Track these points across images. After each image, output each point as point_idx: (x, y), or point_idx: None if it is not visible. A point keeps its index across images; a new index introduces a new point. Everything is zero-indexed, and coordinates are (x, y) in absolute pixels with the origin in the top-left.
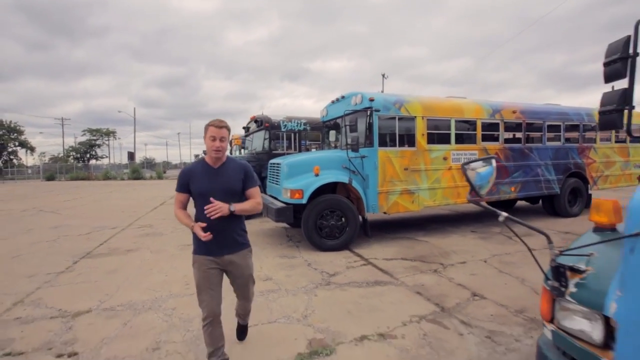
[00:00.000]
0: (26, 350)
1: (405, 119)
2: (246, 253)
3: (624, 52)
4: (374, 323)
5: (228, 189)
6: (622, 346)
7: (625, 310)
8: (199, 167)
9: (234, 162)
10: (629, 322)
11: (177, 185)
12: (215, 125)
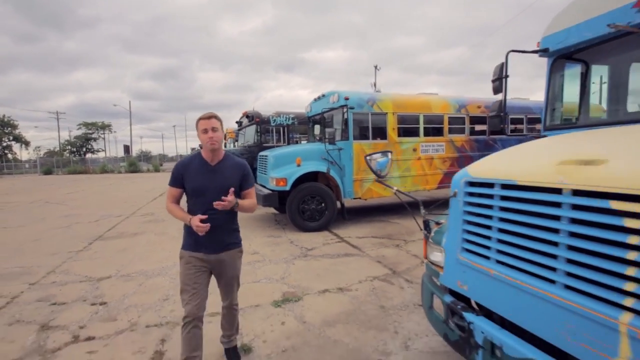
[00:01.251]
0: (66, 301)
1: (378, 115)
2: (236, 253)
3: (500, 74)
4: (336, 282)
5: (225, 188)
6: (447, 263)
7: (448, 242)
8: (195, 162)
9: (232, 160)
10: (448, 248)
11: (171, 179)
12: (204, 117)
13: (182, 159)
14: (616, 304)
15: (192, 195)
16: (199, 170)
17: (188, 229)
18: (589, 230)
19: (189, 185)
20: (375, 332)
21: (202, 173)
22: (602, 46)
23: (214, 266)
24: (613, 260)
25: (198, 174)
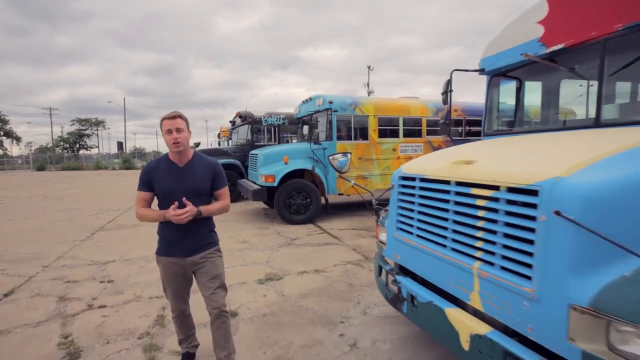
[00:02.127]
0: (78, 279)
1: (360, 117)
2: (213, 253)
3: (446, 89)
4: (314, 265)
5: (195, 190)
6: (387, 240)
7: (388, 224)
8: (162, 165)
9: (202, 160)
10: (388, 228)
11: (139, 184)
12: (168, 117)
13: (149, 162)
14: (472, 256)
15: (162, 199)
16: (167, 173)
17: (160, 232)
18: (462, 209)
19: (158, 188)
20: (341, 303)
21: (170, 175)
22: (530, 66)
23: (193, 268)
24: (472, 228)
25: (166, 176)
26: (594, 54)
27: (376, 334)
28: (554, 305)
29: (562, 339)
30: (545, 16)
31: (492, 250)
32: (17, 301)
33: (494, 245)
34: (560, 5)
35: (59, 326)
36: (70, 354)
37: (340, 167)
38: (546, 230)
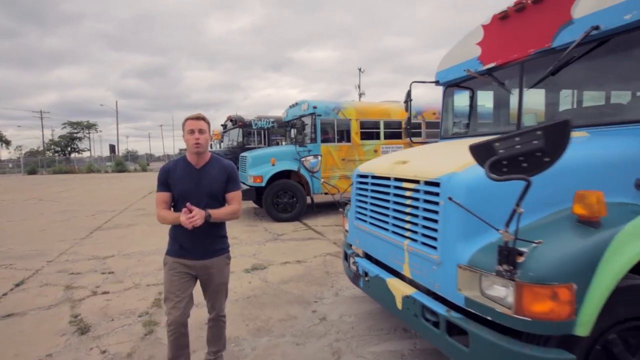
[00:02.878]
0: (81, 272)
1: (343, 121)
2: (223, 260)
3: (407, 98)
4: (296, 256)
5: (210, 192)
6: (349, 228)
7: (350, 215)
8: (179, 166)
9: (219, 162)
10: (350, 218)
11: (158, 185)
12: (192, 118)
13: (166, 163)
14: (403, 235)
15: (178, 199)
16: (184, 174)
17: (173, 234)
18: (397, 198)
19: (174, 189)
20: (317, 287)
21: (187, 176)
22: (477, 79)
23: (200, 273)
24: (403, 213)
25: (183, 177)
26: (516, 72)
27: (344, 310)
28: (449, 267)
29: (454, 291)
30: (482, 39)
31: (415, 230)
32: (28, 290)
33: (416, 225)
34: (491, 31)
35: (68, 309)
36: (80, 329)
37: (312, 167)
38: (443, 212)
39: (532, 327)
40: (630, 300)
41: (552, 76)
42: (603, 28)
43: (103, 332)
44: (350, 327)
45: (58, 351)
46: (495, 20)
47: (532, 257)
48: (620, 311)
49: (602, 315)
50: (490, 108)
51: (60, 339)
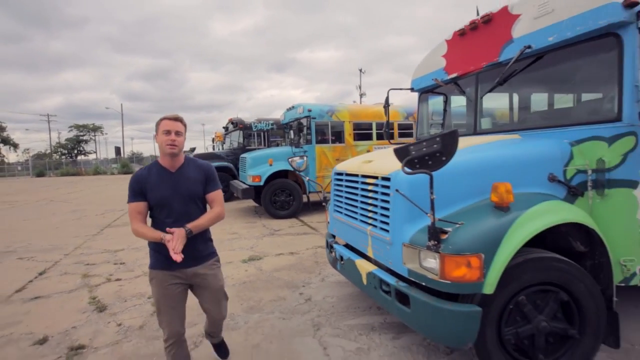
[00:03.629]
0: (95, 263)
1: (336, 123)
2: (213, 263)
3: (385, 104)
4: (290, 249)
5: (189, 195)
6: (330, 219)
7: (330, 208)
8: (153, 172)
9: (194, 162)
10: (330, 211)
11: (130, 195)
12: (169, 118)
13: (137, 170)
14: (367, 222)
15: (157, 207)
16: (160, 179)
17: (155, 246)
18: (363, 192)
19: (151, 197)
20: (305, 274)
21: (163, 182)
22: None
23: (192, 280)
24: (367, 204)
25: (159, 183)
26: (473, 81)
27: (327, 292)
28: (398, 245)
29: (401, 264)
30: (446, 52)
31: (375, 217)
32: (50, 277)
33: (375, 214)
34: (453, 45)
35: (86, 292)
36: (98, 308)
37: (298, 166)
38: (393, 202)
39: (452, 288)
40: (533, 269)
41: (500, 85)
42: (534, 47)
43: (118, 310)
44: (331, 306)
45: (81, 324)
46: (456, 36)
47: (454, 234)
48: (526, 278)
49: (511, 282)
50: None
51: (82, 316)
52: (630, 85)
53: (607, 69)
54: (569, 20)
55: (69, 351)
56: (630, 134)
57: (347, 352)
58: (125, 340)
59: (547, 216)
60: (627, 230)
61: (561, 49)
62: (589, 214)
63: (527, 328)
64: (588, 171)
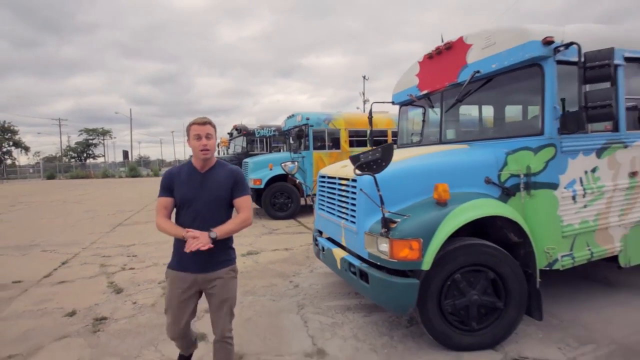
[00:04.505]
0: (111, 255)
1: (333, 130)
2: (228, 272)
3: (369, 115)
4: (285, 246)
5: (214, 198)
6: (316, 217)
7: (316, 206)
8: (184, 171)
9: (224, 167)
10: (316, 209)
11: (160, 190)
12: (198, 122)
13: (171, 167)
14: (341, 217)
15: (181, 205)
16: (188, 179)
17: (176, 245)
18: (339, 192)
19: (177, 194)
20: (296, 266)
21: (191, 181)
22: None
23: (204, 287)
24: (341, 202)
25: (187, 182)
26: (438, 98)
27: (314, 281)
28: (361, 234)
29: (364, 249)
30: (419, 72)
31: (347, 212)
32: (72, 267)
33: (347, 209)
34: (424, 66)
35: (105, 278)
36: (116, 290)
37: (290, 170)
38: (359, 199)
39: (399, 265)
40: (467, 252)
41: (459, 102)
42: (482, 72)
43: (133, 292)
44: (315, 291)
45: (102, 302)
46: (426, 58)
47: (401, 224)
48: (460, 260)
49: (449, 262)
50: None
51: (102, 296)
52: (550, 106)
53: (534, 92)
54: (506, 52)
55: (94, 321)
56: (550, 145)
57: (323, 325)
58: (140, 314)
59: (476, 210)
60: (549, 224)
61: (502, 74)
62: (520, 211)
63: (462, 301)
64: (520, 175)
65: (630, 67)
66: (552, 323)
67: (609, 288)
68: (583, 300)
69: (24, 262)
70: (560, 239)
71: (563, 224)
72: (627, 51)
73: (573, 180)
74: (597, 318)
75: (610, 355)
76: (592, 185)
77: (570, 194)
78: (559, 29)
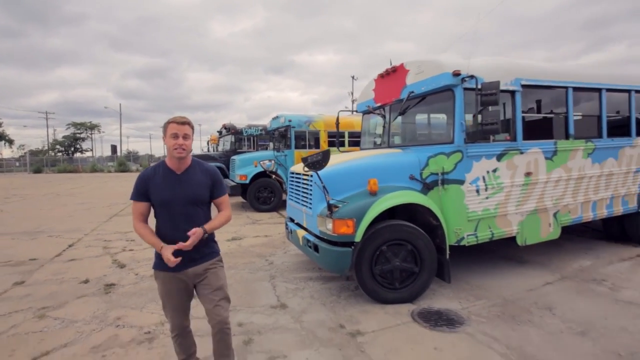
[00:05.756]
0: (111, 240)
1: (313, 132)
2: (214, 263)
3: (336, 121)
4: (265, 233)
5: (192, 198)
6: (287, 207)
7: (288, 198)
8: (159, 172)
9: (201, 165)
10: (288, 200)
11: (134, 193)
12: (177, 121)
13: (144, 170)
14: (303, 204)
15: (159, 207)
16: (164, 181)
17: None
18: (305, 187)
19: (154, 197)
20: (273, 249)
21: (167, 183)
22: (385, 108)
23: (195, 281)
24: (304, 192)
25: (163, 184)
26: (387, 110)
27: (286, 259)
28: (315, 216)
29: (317, 228)
30: (374, 88)
31: (306, 200)
32: (78, 248)
33: (307, 198)
34: (377, 83)
35: (109, 257)
36: (120, 265)
37: (268, 168)
38: (313, 190)
39: (338, 238)
40: (391, 230)
41: (401, 115)
42: (415, 92)
43: (134, 267)
44: (286, 267)
45: (109, 274)
46: (379, 77)
47: (341, 208)
48: (386, 236)
49: (378, 237)
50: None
51: (109, 269)
52: (458, 122)
53: (449, 110)
54: (430, 78)
55: (105, 286)
56: (458, 151)
57: (288, 289)
58: (142, 282)
59: (397, 199)
60: (457, 211)
61: (429, 95)
62: (438, 201)
63: (388, 266)
64: (438, 174)
65: (526, 91)
66: (462, 287)
67: (517, 264)
68: (492, 272)
69: (34, 245)
70: (466, 222)
71: (468, 211)
72: (524, 79)
73: (477, 177)
74: (496, 284)
75: (493, 305)
76: (493, 182)
77: (474, 188)
78: (465, 63)
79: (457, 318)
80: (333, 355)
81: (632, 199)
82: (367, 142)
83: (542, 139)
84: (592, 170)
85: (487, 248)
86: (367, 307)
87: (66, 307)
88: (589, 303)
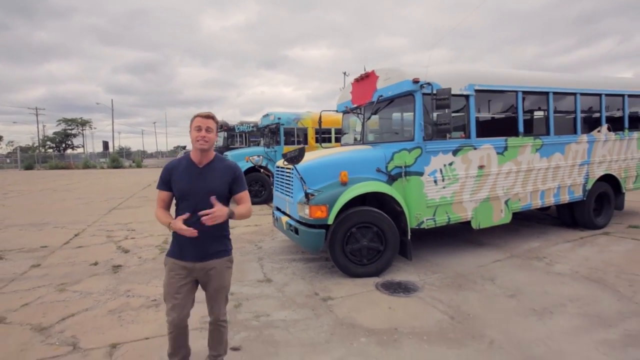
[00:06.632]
0: (112, 230)
1: (301, 129)
2: (224, 262)
3: (319, 121)
4: (255, 223)
5: (211, 191)
6: (274, 197)
7: (274, 189)
8: (182, 164)
9: (223, 162)
10: (274, 191)
11: (159, 182)
12: (201, 115)
13: (171, 160)
14: (287, 194)
15: (178, 198)
16: (186, 172)
17: (175, 234)
18: (288, 180)
19: (175, 188)
20: (262, 236)
21: (188, 175)
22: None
23: (200, 275)
24: (287, 184)
25: (184, 176)
26: (362, 111)
27: (274, 245)
28: (295, 203)
29: (297, 214)
30: (351, 90)
31: (289, 190)
32: (84, 237)
33: (289, 188)
34: (354, 87)
35: (113, 244)
36: (124, 250)
37: (257, 162)
38: (294, 182)
39: (314, 221)
40: (360, 215)
41: (374, 115)
42: (384, 96)
43: (137, 252)
44: (273, 250)
45: (115, 257)
46: (355, 81)
47: (316, 196)
48: (355, 219)
49: (348, 221)
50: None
51: (114, 254)
52: (418, 122)
53: (411, 112)
54: (395, 84)
55: (113, 267)
56: (418, 147)
57: (274, 268)
58: (145, 264)
59: (363, 188)
60: (417, 198)
61: (395, 99)
62: (402, 190)
63: (357, 245)
64: (402, 167)
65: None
66: (423, 264)
67: (475, 246)
68: (452, 252)
69: (42, 234)
70: (425, 208)
71: (427, 199)
72: (477, 85)
73: (434, 170)
74: (454, 261)
75: (446, 278)
76: (449, 173)
77: (432, 179)
78: (424, 71)
79: (413, 287)
80: (306, 314)
81: (577, 189)
82: (347, 139)
83: (496, 136)
84: (540, 163)
85: (451, 233)
86: (339, 280)
87: (81, 283)
88: (525, 275)
